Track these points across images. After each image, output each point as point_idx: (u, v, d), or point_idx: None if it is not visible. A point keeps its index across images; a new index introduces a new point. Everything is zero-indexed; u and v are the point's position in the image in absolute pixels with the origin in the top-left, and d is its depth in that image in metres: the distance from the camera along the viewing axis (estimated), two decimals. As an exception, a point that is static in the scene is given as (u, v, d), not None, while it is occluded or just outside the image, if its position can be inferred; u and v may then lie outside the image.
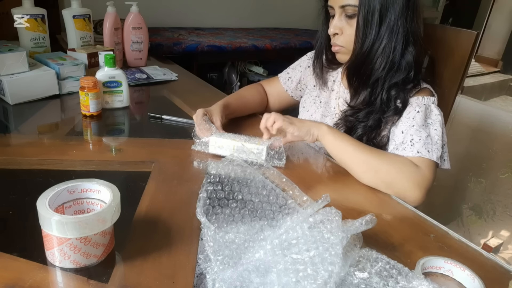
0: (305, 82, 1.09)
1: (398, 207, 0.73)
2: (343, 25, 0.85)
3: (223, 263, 0.49)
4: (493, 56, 3.70)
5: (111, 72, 0.98)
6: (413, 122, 0.81)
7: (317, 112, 1.02)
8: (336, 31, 0.86)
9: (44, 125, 0.94)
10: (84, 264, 0.49)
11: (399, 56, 0.83)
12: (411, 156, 0.77)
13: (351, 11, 0.82)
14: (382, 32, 0.81)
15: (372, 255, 0.53)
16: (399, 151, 0.80)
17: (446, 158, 0.83)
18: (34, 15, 1.15)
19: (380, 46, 0.82)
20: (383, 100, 0.85)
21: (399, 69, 0.83)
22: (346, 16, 0.84)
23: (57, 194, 0.50)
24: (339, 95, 0.99)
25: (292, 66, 1.12)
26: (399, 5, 0.80)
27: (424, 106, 0.83)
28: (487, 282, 0.52)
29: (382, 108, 0.85)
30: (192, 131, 0.84)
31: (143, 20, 1.35)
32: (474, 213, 1.88)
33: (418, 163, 0.76)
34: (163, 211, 0.62)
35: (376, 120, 0.86)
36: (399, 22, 0.81)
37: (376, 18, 0.80)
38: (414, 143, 0.78)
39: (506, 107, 2.65)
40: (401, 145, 0.80)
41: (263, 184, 0.68)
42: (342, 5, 0.83)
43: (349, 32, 0.84)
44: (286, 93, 1.11)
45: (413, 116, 0.82)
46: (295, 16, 2.41)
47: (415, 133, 0.79)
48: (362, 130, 0.86)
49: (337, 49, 0.89)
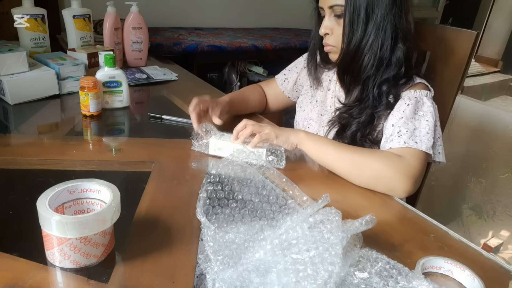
0: (301, 83, 1.10)
1: (398, 207, 0.73)
2: (333, 25, 0.86)
3: (223, 263, 0.49)
4: (493, 56, 3.70)
5: (111, 72, 0.98)
6: (402, 115, 0.81)
7: (313, 111, 1.02)
8: (326, 31, 0.87)
9: (44, 125, 0.94)
10: (84, 264, 0.49)
11: (388, 52, 0.83)
12: (398, 147, 0.77)
13: (340, 11, 0.83)
14: (369, 29, 0.82)
15: (372, 255, 0.53)
16: (388, 143, 0.80)
17: (441, 151, 0.83)
18: (34, 15, 1.15)
19: (368, 43, 0.82)
20: (374, 96, 0.86)
21: (389, 66, 0.84)
22: (335, 16, 0.85)
23: (57, 194, 0.50)
24: (334, 94, 0.99)
25: (289, 68, 1.13)
26: (385, 2, 0.80)
27: (415, 98, 0.83)
28: (487, 282, 0.52)
29: (374, 104, 0.86)
30: (192, 132, 0.84)
31: (143, 20, 1.35)
32: (474, 213, 1.88)
33: (403, 154, 0.76)
34: (163, 211, 0.62)
35: (369, 116, 0.86)
36: (386, 19, 0.81)
37: (362, 16, 0.81)
38: (401, 135, 0.78)
39: (506, 107, 2.64)
40: (390, 137, 0.80)
41: (263, 184, 0.68)
42: (331, 5, 0.84)
43: (339, 32, 0.85)
44: (283, 94, 1.12)
45: (403, 109, 0.82)
46: (295, 16, 2.41)
47: (402, 125, 0.80)
48: (356, 126, 0.87)
49: (329, 49, 0.90)
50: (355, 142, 0.87)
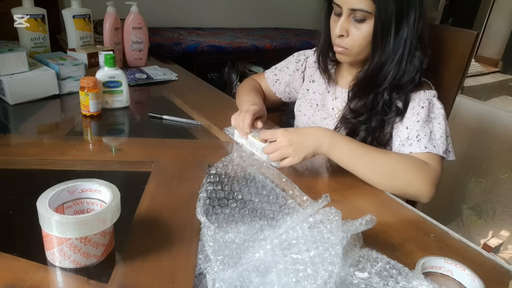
0: (294, 86, 1.08)
1: (398, 207, 0.73)
2: (349, 27, 0.83)
3: (223, 263, 0.49)
4: (493, 56, 3.70)
5: (111, 72, 0.98)
6: (418, 118, 0.81)
7: (315, 115, 1.01)
8: (342, 32, 0.83)
9: (44, 125, 0.94)
10: (84, 264, 0.49)
11: (407, 63, 0.82)
12: (419, 151, 0.77)
13: (361, 16, 0.80)
14: (396, 44, 0.81)
15: (372, 255, 0.53)
16: (405, 147, 0.79)
17: (451, 149, 0.83)
18: (34, 15, 1.15)
19: (395, 57, 0.81)
20: (385, 102, 0.85)
21: (405, 74, 0.83)
22: (354, 19, 0.81)
23: (57, 194, 0.50)
24: (335, 96, 0.98)
25: (279, 67, 1.10)
26: (412, 16, 0.80)
27: (427, 101, 0.83)
28: (487, 282, 0.52)
29: (384, 110, 0.85)
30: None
31: (143, 20, 1.35)
32: (474, 213, 1.88)
33: (427, 160, 0.76)
34: (163, 211, 0.62)
35: (379, 121, 0.85)
36: (411, 33, 0.80)
37: (393, 29, 0.80)
38: (421, 139, 0.78)
39: (506, 107, 2.64)
40: (407, 141, 0.80)
41: (263, 184, 0.69)
42: (354, 8, 0.79)
43: (356, 36, 0.82)
44: (274, 94, 1.11)
45: (417, 111, 0.82)
46: (295, 16, 2.41)
47: (420, 129, 0.79)
48: (366, 132, 0.86)
49: (340, 50, 0.86)
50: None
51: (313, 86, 1.03)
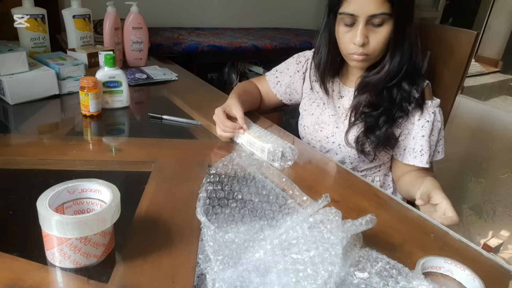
0: (295, 87, 1.08)
1: (398, 207, 0.73)
2: (368, 33, 0.83)
3: (223, 263, 0.49)
4: (493, 56, 3.70)
5: (111, 72, 0.98)
6: (423, 132, 0.89)
7: (323, 114, 1.01)
8: (364, 41, 0.82)
9: (44, 125, 0.93)
10: (84, 264, 0.49)
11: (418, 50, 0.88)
12: (422, 165, 0.90)
13: (380, 20, 0.80)
14: (411, 36, 0.86)
15: (372, 255, 0.53)
16: (411, 157, 0.91)
17: (441, 150, 0.94)
18: (34, 15, 1.15)
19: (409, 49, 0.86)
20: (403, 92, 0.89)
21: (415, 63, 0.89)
22: (372, 24, 0.82)
23: (57, 194, 0.50)
24: (341, 94, 0.99)
25: (280, 69, 1.10)
26: (411, 15, 0.84)
27: (433, 114, 0.89)
28: (487, 282, 0.52)
29: (403, 100, 0.89)
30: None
31: (143, 20, 1.35)
32: (474, 213, 1.88)
33: (429, 167, 0.90)
34: (163, 211, 0.62)
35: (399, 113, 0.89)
36: (413, 31, 0.86)
37: (407, 31, 0.84)
38: (423, 154, 0.89)
39: (506, 107, 2.64)
40: (412, 153, 0.91)
41: (263, 184, 0.69)
42: (374, 14, 0.79)
43: (377, 40, 0.83)
44: (275, 96, 1.11)
45: (422, 124, 0.89)
46: (295, 16, 2.41)
47: (425, 144, 0.89)
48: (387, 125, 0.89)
49: (362, 58, 0.85)
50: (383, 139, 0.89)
51: (317, 86, 1.03)
